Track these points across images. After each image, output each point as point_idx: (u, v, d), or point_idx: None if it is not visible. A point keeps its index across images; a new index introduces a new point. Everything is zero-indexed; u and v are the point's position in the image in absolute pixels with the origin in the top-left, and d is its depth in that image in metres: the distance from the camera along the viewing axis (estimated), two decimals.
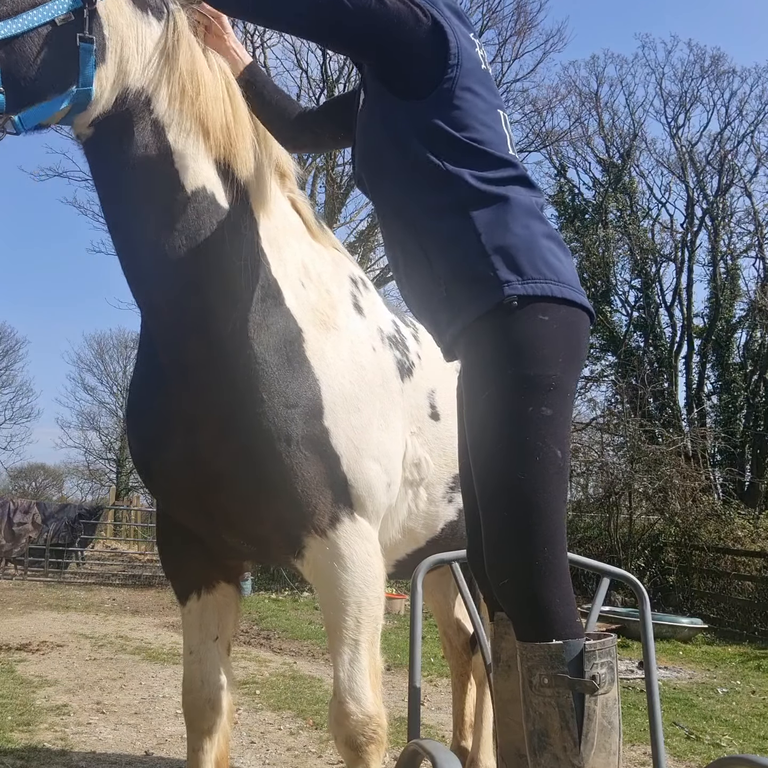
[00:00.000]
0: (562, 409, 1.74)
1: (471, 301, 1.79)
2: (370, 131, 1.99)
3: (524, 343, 1.73)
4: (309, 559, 2.23)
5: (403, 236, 1.92)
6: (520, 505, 1.71)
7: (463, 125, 1.86)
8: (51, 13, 1.89)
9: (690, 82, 24.55)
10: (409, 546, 2.76)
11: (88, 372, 37.32)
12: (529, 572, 1.70)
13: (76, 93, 1.97)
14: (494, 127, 1.91)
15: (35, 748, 4.11)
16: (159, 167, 2.10)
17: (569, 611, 1.70)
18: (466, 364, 1.87)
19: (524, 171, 1.92)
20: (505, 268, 1.76)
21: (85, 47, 1.94)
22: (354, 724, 2.18)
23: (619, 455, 15.87)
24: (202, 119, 2.15)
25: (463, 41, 1.91)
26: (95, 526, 15.29)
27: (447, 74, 1.87)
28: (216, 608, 2.53)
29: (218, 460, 2.17)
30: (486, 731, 3.49)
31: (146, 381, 2.37)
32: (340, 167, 16.68)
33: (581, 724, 1.63)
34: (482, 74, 1.94)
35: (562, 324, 1.77)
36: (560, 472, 1.73)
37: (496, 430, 1.74)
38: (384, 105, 1.95)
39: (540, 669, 1.67)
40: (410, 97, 1.89)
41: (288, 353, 2.20)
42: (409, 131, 1.89)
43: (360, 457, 2.26)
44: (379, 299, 2.74)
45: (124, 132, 2.07)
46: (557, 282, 1.78)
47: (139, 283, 2.22)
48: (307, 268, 2.40)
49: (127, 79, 2.05)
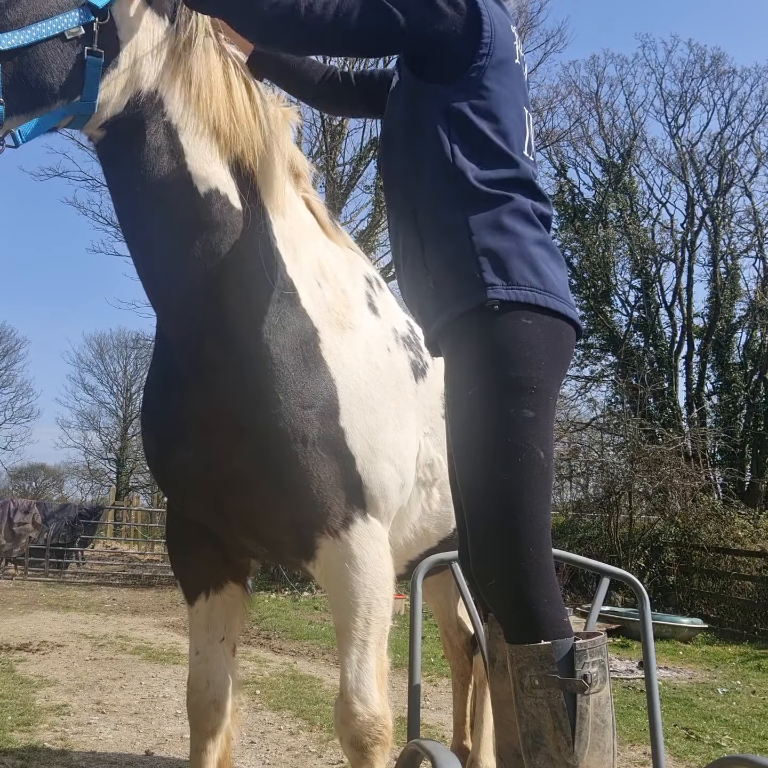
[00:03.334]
0: (545, 412, 1.73)
1: (456, 298, 1.79)
2: (393, 114, 1.99)
3: (506, 345, 1.73)
4: (321, 559, 2.22)
5: (406, 222, 1.92)
6: (503, 507, 1.70)
7: (484, 113, 1.85)
8: (61, 26, 1.84)
9: (690, 82, 24.56)
10: (421, 546, 2.76)
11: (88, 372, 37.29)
12: (514, 574, 1.69)
13: (79, 105, 1.93)
14: (516, 122, 1.89)
15: (35, 748, 4.11)
16: (172, 169, 2.08)
17: (557, 611, 1.70)
18: (449, 362, 1.87)
19: (531, 176, 1.90)
20: (492, 271, 1.76)
21: (92, 61, 1.90)
22: (360, 725, 2.18)
23: (619, 455, 15.85)
24: (215, 121, 2.13)
25: (500, 31, 1.87)
26: (95, 526, 15.29)
27: (476, 62, 1.84)
28: (224, 608, 2.52)
29: (234, 460, 2.16)
30: (486, 731, 3.49)
31: (162, 381, 2.36)
32: (340, 167, 16.68)
33: (574, 723, 1.63)
34: (514, 68, 1.92)
35: (545, 329, 1.76)
36: (544, 473, 1.72)
37: (478, 431, 1.74)
38: (410, 88, 1.94)
39: (530, 670, 1.66)
40: (435, 80, 1.87)
41: (304, 353, 2.19)
42: (429, 115, 1.87)
43: (375, 458, 2.25)
44: (393, 299, 2.74)
45: (136, 134, 2.05)
46: (542, 291, 1.77)
47: (154, 285, 2.21)
48: (323, 267, 2.39)
49: (140, 82, 2.03)
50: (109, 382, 36.79)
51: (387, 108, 2.05)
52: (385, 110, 2.08)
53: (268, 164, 2.25)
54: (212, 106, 2.12)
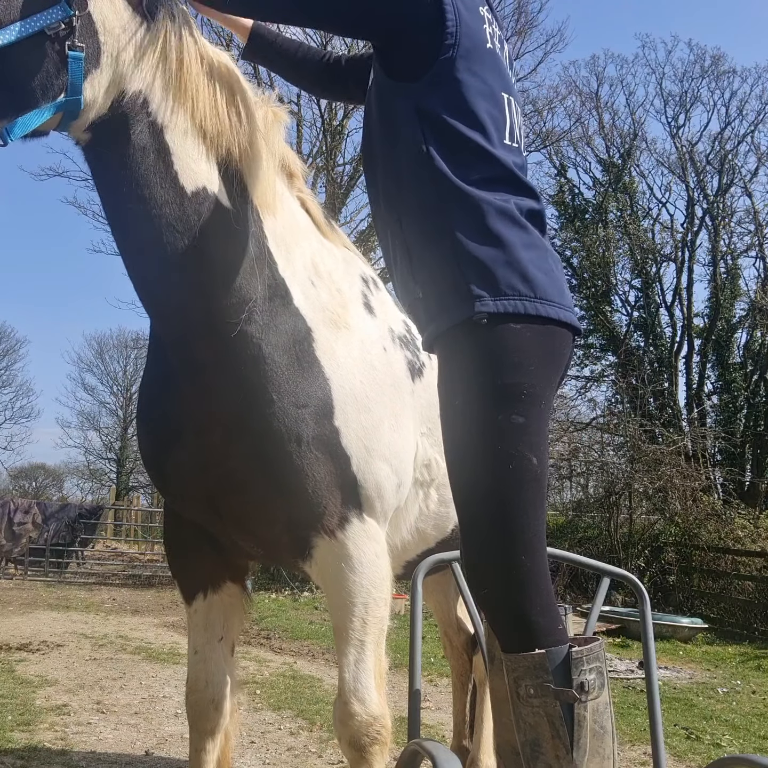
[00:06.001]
0: (536, 417, 1.70)
1: (443, 311, 1.76)
2: (369, 117, 1.96)
3: (495, 352, 1.70)
4: (317, 560, 2.22)
5: (393, 231, 1.89)
6: (495, 515, 1.68)
7: (457, 109, 1.78)
8: (40, 23, 1.84)
9: (690, 82, 24.56)
10: (419, 547, 2.75)
11: (88, 372, 37.37)
12: (507, 582, 1.67)
13: (65, 102, 1.93)
14: (493, 112, 1.82)
15: (35, 748, 4.12)
16: (158, 169, 2.07)
17: (551, 619, 1.68)
18: (440, 370, 1.85)
19: (515, 168, 1.82)
20: (479, 282, 1.71)
21: (74, 56, 1.89)
22: (358, 725, 2.18)
23: (619, 455, 15.86)
24: (201, 120, 2.12)
25: (466, 16, 1.80)
26: (95, 526, 15.29)
27: (443, 53, 1.77)
28: (222, 608, 2.53)
29: (229, 461, 2.16)
30: (486, 731, 3.48)
31: (156, 382, 2.35)
32: (340, 167, 16.68)
33: (572, 731, 1.61)
34: (486, 53, 1.83)
35: (535, 334, 1.72)
36: (537, 479, 1.69)
37: (468, 439, 1.72)
38: (381, 90, 1.89)
39: (525, 679, 1.65)
40: (404, 78, 1.82)
41: (297, 353, 2.18)
42: (401, 117, 1.82)
43: (370, 458, 2.25)
44: (390, 299, 2.73)
45: (120, 134, 2.04)
46: (532, 298, 1.72)
47: (145, 287, 2.20)
48: (317, 266, 2.38)
49: (124, 82, 2.02)
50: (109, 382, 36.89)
51: (364, 111, 2.00)
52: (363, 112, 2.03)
53: (257, 163, 2.22)
54: (197, 103, 2.11)
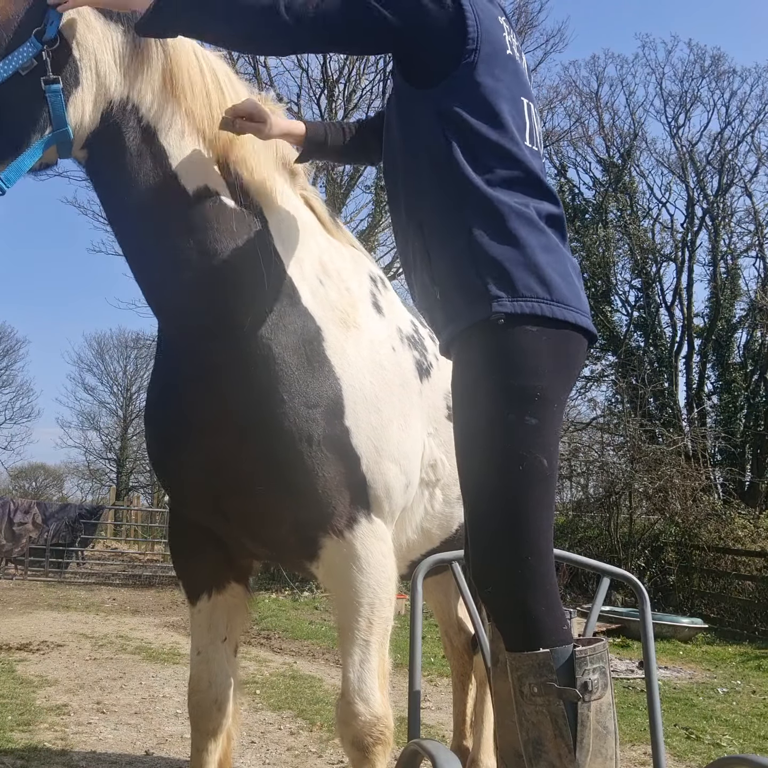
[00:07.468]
0: (549, 419, 1.72)
1: (461, 311, 1.78)
2: (390, 126, 1.97)
3: (510, 354, 1.72)
4: (324, 560, 2.21)
5: (414, 233, 1.90)
6: (503, 514, 1.70)
7: (479, 111, 1.81)
8: (13, 66, 1.82)
9: (690, 82, 24.52)
10: (424, 547, 2.75)
11: (88, 372, 37.25)
12: (513, 581, 1.68)
13: (52, 136, 1.92)
14: (514, 114, 1.86)
15: (35, 748, 4.11)
16: (156, 172, 2.06)
17: (556, 618, 1.69)
18: (455, 371, 1.86)
19: (537, 171, 1.85)
20: (497, 283, 1.73)
21: (52, 89, 1.88)
22: (362, 725, 2.17)
23: (619, 455, 15.84)
24: (194, 119, 2.11)
25: (487, 23, 1.84)
26: (95, 526, 15.28)
27: (464, 58, 1.80)
28: (225, 609, 2.52)
29: (238, 461, 2.15)
30: (486, 731, 3.48)
31: (164, 383, 2.35)
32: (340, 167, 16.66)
33: (575, 730, 1.62)
34: (506, 59, 1.87)
35: (551, 337, 1.74)
36: (546, 480, 1.70)
37: (480, 439, 1.73)
38: (401, 98, 1.92)
39: (529, 678, 1.66)
40: (425, 84, 1.84)
41: (307, 353, 2.17)
42: (422, 121, 1.84)
43: (379, 458, 2.24)
44: (398, 299, 2.73)
45: (115, 144, 2.03)
46: (548, 301, 1.74)
47: (151, 289, 2.20)
48: (325, 265, 2.37)
49: (109, 93, 2.01)
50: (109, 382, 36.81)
51: (385, 119, 2.02)
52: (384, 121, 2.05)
53: (257, 161, 2.22)
54: (190, 104, 2.10)
